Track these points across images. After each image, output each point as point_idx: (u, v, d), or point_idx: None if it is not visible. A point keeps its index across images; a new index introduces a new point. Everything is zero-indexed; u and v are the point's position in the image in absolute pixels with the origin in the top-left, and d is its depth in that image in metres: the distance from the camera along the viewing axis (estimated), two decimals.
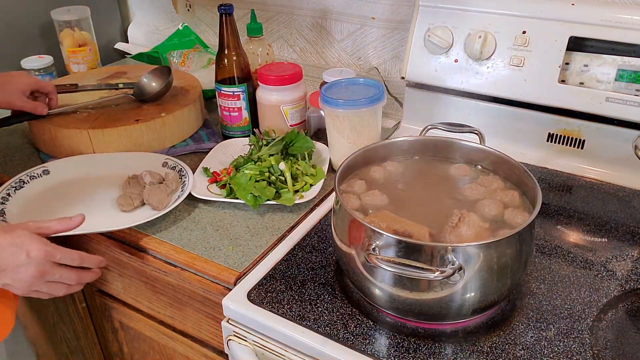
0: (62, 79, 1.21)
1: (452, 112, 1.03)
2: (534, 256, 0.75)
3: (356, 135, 0.91)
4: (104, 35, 1.55)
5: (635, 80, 0.86)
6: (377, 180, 0.75)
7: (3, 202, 0.87)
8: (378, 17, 1.18)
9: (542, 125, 0.95)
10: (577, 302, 0.68)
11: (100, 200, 0.90)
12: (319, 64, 1.31)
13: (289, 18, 1.31)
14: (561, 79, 0.91)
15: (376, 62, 1.23)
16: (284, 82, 0.99)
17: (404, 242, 0.59)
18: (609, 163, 0.92)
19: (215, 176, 0.93)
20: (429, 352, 0.62)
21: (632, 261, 0.74)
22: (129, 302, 0.98)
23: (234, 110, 1.03)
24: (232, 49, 1.00)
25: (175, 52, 1.30)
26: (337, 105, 0.88)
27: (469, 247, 0.57)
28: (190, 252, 0.79)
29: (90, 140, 0.98)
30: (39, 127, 1.01)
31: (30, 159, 1.04)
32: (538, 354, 0.61)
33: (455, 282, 0.58)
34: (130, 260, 0.88)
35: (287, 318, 0.66)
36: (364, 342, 0.63)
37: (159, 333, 0.96)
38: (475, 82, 0.97)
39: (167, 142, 1.04)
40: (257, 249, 0.79)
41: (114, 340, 1.10)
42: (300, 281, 0.72)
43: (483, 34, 0.93)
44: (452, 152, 0.78)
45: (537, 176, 0.91)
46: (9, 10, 1.32)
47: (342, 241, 0.66)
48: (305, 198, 0.87)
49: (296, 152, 0.94)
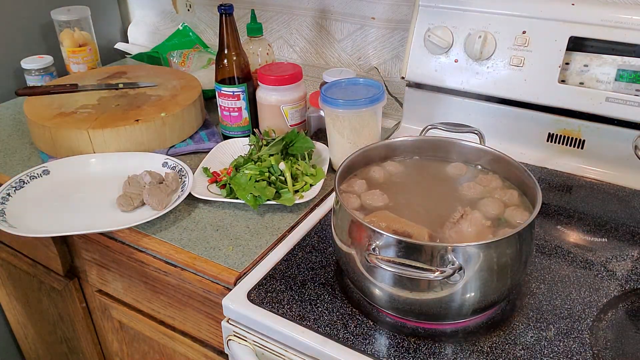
0: (62, 79, 1.21)
1: (452, 112, 1.03)
2: (534, 256, 0.75)
3: (356, 135, 0.91)
4: (104, 35, 1.55)
5: (635, 80, 0.86)
6: (377, 180, 0.75)
7: (3, 202, 0.87)
8: (378, 17, 1.18)
9: (542, 125, 0.95)
10: (577, 302, 0.68)
11: (100, 200, 0.90)
12: (319, 64, 1.31)
13: (289, 18, 1.31)
14: (561, 79, 0.91)
15: (376, 62, 1.22)
16: (284, 82, 0.99)
17: (404, 242, 0.59)
18: (609, 163, 0.92)
19: (215, 176, 0.93)
20: (429, 352, 0.62)
21: (632, 261, 0.74)
22: (129, 302, 0.98)
23: (234, 110, 1.03)
24: (232, 49, 1.00)
25: (175, 52, 1.30)
26: (337, 105, 0.88)
27: (469, 247, 0.57)
28: (190, 252, 0.79)
29: (90, 140, 0.98)
30: (39, 127, 1.01)
31: (30, 159, 1.04)
32: (538, 354, 0.61)
33: (455, 282, 0.58)
34: (130, 260, 0.89)
35: (287, 318, 0.66)
36: (364, 342, 0.63)
37: (159, 333, 0.96)
38: (475, 82, 0.97)
39: (167, 142, 1.04)
40: (257, 249, 0.79)
41: (113, 340, 1.10)
42: (300, 281, 0.72)
43: (483, 34, 0.93)
44: (452, 152, 0.78)
45: (537, 176, 0.91)
46: (9, 10, 1.32)
47: (342, 241, 0.66)
48: (305, 198, 0.87)
49: (296, 152, 0.94)
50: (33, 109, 1.06)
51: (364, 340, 0.63)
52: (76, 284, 1.08)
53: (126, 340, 1.07)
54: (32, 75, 1.28)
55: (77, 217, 0.86)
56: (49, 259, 1.06)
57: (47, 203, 0.90)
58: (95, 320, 1.12)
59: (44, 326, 1.29)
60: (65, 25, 1.33)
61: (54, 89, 1.13)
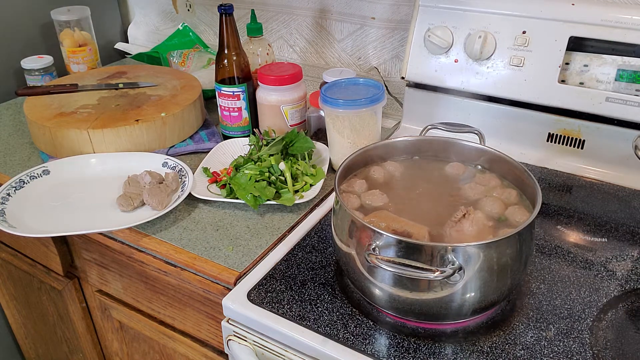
0: (62, 79, 1.21)
1: (452, 112, 1.03)
2: (534, 256, 0.75)
3: (356, 135, 0.91)
4: (104, 35, 1.55)
5: (635, 80, 0.86)
6: (377, 180, 0.75)
7: (3, 202, 0.87)
8: (378, 17, 1.18)
9: (542, 125, 0.95)
10: (577, 302, 0.68)
11: (100, 200, 0.90)
12: (319, 64, 1.31)
13: (289, 18, 1.31)
14: (561, 79, 0.91)
15: (376, 62, 1.22)
16: (284, 82, 0.99)
17: (404, 242, 0.59)
18: (609, 163, 0.92)
19: (215, 176, 0.93)
20: (429, 352, 0.62)
21: (632, 261, 0.74)
22: (129, 302, 0.98)
23: (234, 110, 1.03)
24: (232, 49, 1.00)
25: (175, 52, 1.30)
26: (337, 105, 0.88)
27: (469, 247, 0.57)
28: (190, 252, 0.79)
29: (90, 140, 0.98)
30: (39, 127, 1.01)
31: (30, 159, 1.04)
32: (538, 354, 0.61)
33: (455, 282, 0.58)
34: (130, 260, 0.89)
35: (287, 318, 0.66)
36: (364, 342, 0.63)
37: (159, 333, 0.96)
38: (475, 82, 0.97)
39: (167, 142, 1.04)
40: (257, 249, 0.79)
41: (113, 340, 1.10)
42: (300, 281, 0.72)
43: (483, 34, 0.93)
44: (452, 152, 0.78)
45: (537, 176, 0.91)
46: (9, 10, 1.32)
47: (342, 241, 0.66)
48: (305, 198, 0.87)
49: (296, 152, 0.94)
50: (33, 109, 1.06)
51: (364, 340, 0.63)
52: (76, 284, 1.08)
53: (126, 340, 1.07)
54: (32, 75, 1.28)
55: (76, 217, 0.86)
56: (49, 259, 1.06)
57: (47, 203, 0.90)
58: (95, 320, 1.12)
59: (44, 326, 1.29)
60: (65, 25, 1.33)
61: (54, 89, 1.13)
